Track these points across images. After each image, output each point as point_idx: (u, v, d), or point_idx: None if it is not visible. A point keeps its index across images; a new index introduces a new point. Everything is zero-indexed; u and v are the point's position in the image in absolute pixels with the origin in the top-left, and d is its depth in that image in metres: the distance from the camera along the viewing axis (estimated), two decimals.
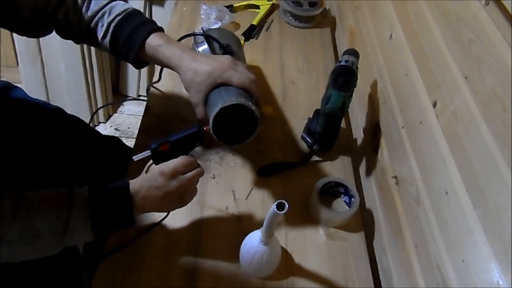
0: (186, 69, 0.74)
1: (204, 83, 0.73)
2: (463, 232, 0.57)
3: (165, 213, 0.77)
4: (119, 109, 1.99)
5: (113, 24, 0.77)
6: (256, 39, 1.25)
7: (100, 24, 0.78)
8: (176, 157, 0.67)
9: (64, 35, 0.81)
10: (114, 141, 1.13)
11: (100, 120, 1.91)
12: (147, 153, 0.67)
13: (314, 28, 1.32)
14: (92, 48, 1.66)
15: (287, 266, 0.78)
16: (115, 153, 1.07)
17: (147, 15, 1.74)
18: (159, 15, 1.76)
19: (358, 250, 0.82)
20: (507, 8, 0.51)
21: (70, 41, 0.83)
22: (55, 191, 0.63)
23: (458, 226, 0.58)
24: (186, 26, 1.24)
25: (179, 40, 0.88)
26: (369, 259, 0.82)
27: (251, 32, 1.25)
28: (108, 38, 0.78)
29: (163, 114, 0.99)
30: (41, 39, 1.64)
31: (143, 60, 0.80)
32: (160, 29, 0.80)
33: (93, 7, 0.78)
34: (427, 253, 0.66)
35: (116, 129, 1.90)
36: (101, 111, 1.88)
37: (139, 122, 0.97)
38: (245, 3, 1.35)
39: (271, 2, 1.35)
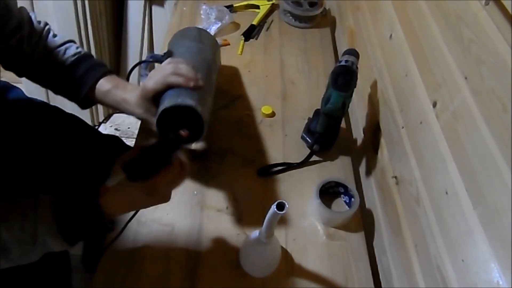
0: (132, 110, 0.78)
1: (147, 106, 0.77)
2: (463, 232, 0.57)
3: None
4: None
5: (66, 64, 0.78)
6: (256, 39, 1.26)
7: (54, 62, 0.78)
8: (154, 170, 0.61)
9: (7, 64, 0.79)
10: (114, 140, 1.13)
11: (100, 120, 1.91)
12: (121, 175, 0.61)
13: (314, 28, 1.32)
14: (92, 49, 1.66)
15: (287, 266, 0.78)
16: (115, 152, 1.07)
17: (147, 15, 1.75)
18: (159, 15, 1.76)
19: (358, 250, 0.82)
20: (507, 8, 0.51)
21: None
22: (20, 201, 0.60)
23: (458, 226, 0.58)
24: (186, 26, 1.24)
25: (130, 71, 0.90)
26: (369, 259, 0.82)
27: (251, 32, 1.25)
28: (59, 77, 0.79)
29: None
30: None
31: (92, 100, 0.81)
32: (111, 72, 0.81)
33: (49, 43, 0.78)
34: (427, 253, 0.66)
35: (116, 129, 1.90)
36: (101, 111, 1.87)
37: (139, 122, 0.97)
38: (245, 3, 1.35)
39: (271, 2, 1.35)
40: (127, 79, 0.91)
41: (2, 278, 0.75)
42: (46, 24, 0.81)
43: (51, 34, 0.80)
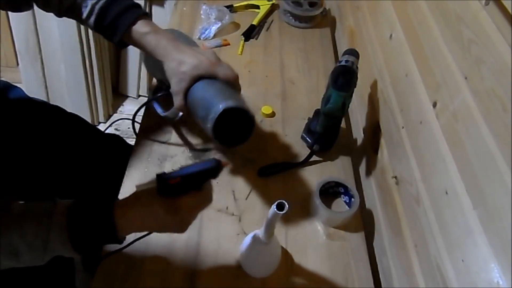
0: (171, 59, 0.75)
1: (189, 73, 0.74)
2: (463, 232, 0.57)
3: None
4: (119, 109, 1.99)
5: (97, 6, 0.76)
6: (256, 39, 1.25)
7: (84, 4, 0.77)
8: (184, 190, 0.61)
9: (44, 8, 0.80)
10: (115, 139, 1.14)
11: (100, 120, 1.91)
12: (152, 182, 0.61)
13: (314, 28, 1.32)
14: (92, 48, 1.66)
15: (287, 266, 0.78)
16: (116, 150, 1.07)
17: None
18: (159, 15, 1.76)
19: (358, 250, 0.82)
20: (507, 8, 0.51)
21: (70, 41, 0.83)
22: (37, 206, 0.59)
23: (458, 226, 0.58)
24: (186, 26, 1.24)
25: (138, 110, 0.89)
26: (369, 259, 0.82)
27: (251, 32, 1.25)
28: (92, 19, 0.77)
29: None
30: (41, 38, 1.64)
31: (127, 43, 0.80)
32: (146, 15, 0.79)
33: None
34: (427, 253, 0.66)
35: (116, 129, 1.90)
36: (101, 111, 1.87)
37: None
38: (245, 3, 1.35)
39: (271, 2, 1.35)
40: (133, 118, 0.91)
41: (7, 278, 0.75)
42: None
43: None
